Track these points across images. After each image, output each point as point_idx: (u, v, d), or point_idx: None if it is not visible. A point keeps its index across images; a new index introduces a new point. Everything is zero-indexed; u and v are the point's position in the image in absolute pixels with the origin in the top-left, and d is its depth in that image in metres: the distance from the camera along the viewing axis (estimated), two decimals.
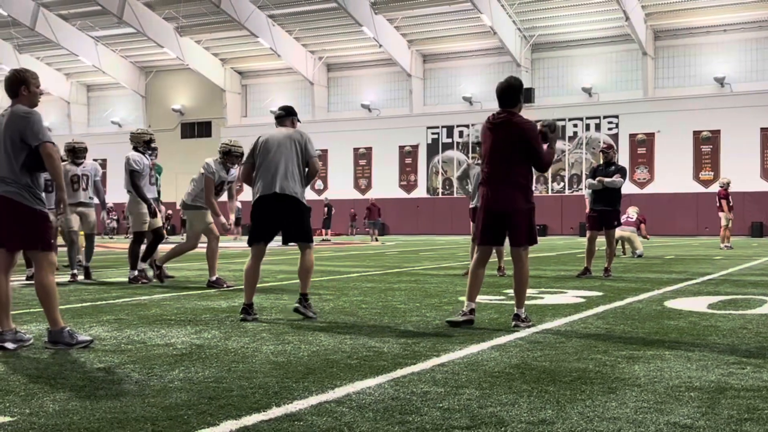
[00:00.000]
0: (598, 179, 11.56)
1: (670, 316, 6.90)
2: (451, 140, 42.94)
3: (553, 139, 6.50)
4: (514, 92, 6.40)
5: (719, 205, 22.29)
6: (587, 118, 40.36)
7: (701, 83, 38.58)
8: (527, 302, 6.82)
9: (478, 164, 11.11)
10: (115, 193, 34.02)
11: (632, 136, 39.29)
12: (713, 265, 14.22)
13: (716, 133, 37.64)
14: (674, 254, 18.36)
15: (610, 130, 39.79)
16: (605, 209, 11.57)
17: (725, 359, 4.81)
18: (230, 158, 9.95)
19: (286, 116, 7.29)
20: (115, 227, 43.92)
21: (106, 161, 47.61)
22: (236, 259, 16.35)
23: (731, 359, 4.81)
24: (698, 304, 7.83)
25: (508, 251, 6.90)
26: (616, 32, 39.28)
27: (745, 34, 37.98)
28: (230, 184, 10.16)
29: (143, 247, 10.77)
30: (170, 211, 36.37)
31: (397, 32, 42.15)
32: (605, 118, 39.98)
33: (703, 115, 37.69)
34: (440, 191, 43.23)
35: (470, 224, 11.05)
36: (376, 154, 44.70)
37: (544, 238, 34.53)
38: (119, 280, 11.15)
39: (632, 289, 9.48)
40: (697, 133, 38.01)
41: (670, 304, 7.83)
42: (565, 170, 40.90)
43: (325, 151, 43.75)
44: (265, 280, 10.24)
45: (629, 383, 4.15)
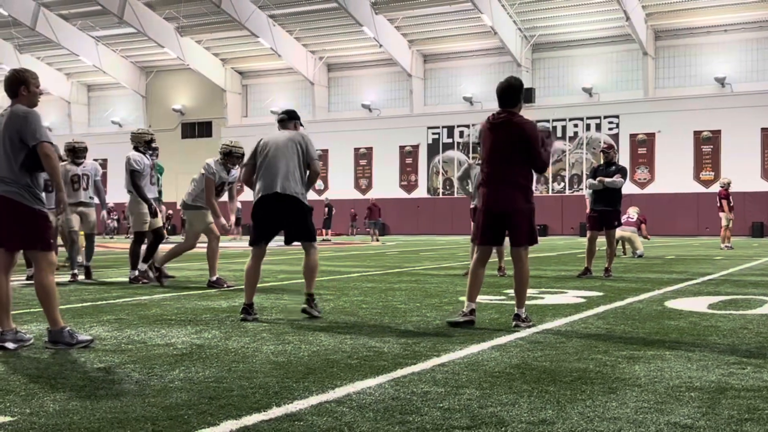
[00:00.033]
0: (598, 179, 11.56)
1: (670, 316, 6.90)
2: (451, 140, 42.94)
3: (548, 144, 6.54)
4: (514, 92, 6.40)
5: (720, 205, 22.27)
6: (588, 118, 40.36)
7: (702, 83, 38.58)
8: (528, 302, 6.82)
9: (478, 164, 11.10)
10: (115, 193, 34.06)
11: (633, 136, 39.30)
12: (714, 265, 14.22)
13: (717, 133, 37.64)
14: (675, 254, 18.36)
15: (610, 130, 39.79)
16: (606, 209, 11.57)
17: (726, 359, 4.81)
18: (231, 159, 9.95)
19: (288, 120, 7.28)
20: (115, 227, 43.92)
21: (106, 161, 47.64)
22: (237, 259, 16.35)
23: (732, 359, 4.81)
24: (699, 304, 7.83)
25: (508, 251, 6.90)
26: (616, 32, 39.29)
27: (745, 34, 37.98)
28: (231, 184, 10.16)
29: (144, 247, 10.78)
30: (170, 211, 36.38)
31: (397, 32, 42.16)
32: (606, 118, 39.98)
33: (703, 115, 37.69)
34: (441, 191, 43.23)
35: (471, 224, 11.05)
36: (376, 154, 44.70)
37: (544, 238, 34.53)
38: (120, 280, 11.15)
39: (633, 289, 9.48)
40: (697, 133, 38.01)
41: (670, 304, 7.83)
42: (565, 170, 40.90)
43: (325, 151, 43.77)
44: (265, 280, 10.24)
45: (630, 383, 4.14)
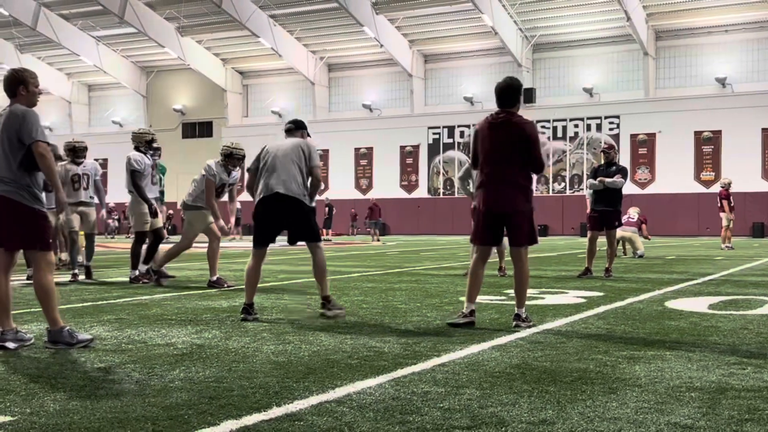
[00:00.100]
0: (599, 179, 11.55)
1: (670, 316, 6.90)
2: (452, 140, 42.93)
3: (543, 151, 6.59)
4: (513, 92, 6.39)
5: (720, 205, 22.26)
6: (588, 118, 40.35)
7: (702, 83, 38.56)
8: (528, 302, 6.82)
9: None
10: (116, 193, 34.07)
11: (633, 136, 39.29)
12: (714, 265, 14.22)
13: (717, 133, 37.63)
14: (675, 255, 18.35)
15: (611, 130, 39.78)
16: (606, 209, 11.56)
17: (726, 360, 4.81)
18: (232, 161, 9.94)
19: (295, 129, 7.27)
20: (116, 227, 43.93)
21: (107, 161, 47.67)
22: (237, 259, 16.35)
23: (732, 360, 4.81)
24: (699, 304, 7.83)
25: (508, 251, 6.90)
26: (617, 32, 39.27)
27: (746, 34, 37.96)
28: (231, 186, 10.16)
29: (144, 246, 10.78)
30: (171, 211, 36.39)
31: (398, 32, 42.15)
32: (606, 118, 39.97)
33: (704, 115, 37.68)
34: (441, 191, 43.22)
35: (471, 224, 11.04)
36: (377, 154, 44.70)
37: (545, 238, 34.52)
38: (120, 279, 11.15)
39: (633, 289, 9.48)
40: (698, 133, 38.00)
41: (670, 304, 7.83)
42: (566, 170, 40.89)
43: (326, 151, 43.76)
44: (266, 280, 10.23)
45: (630, 383, 4.14)
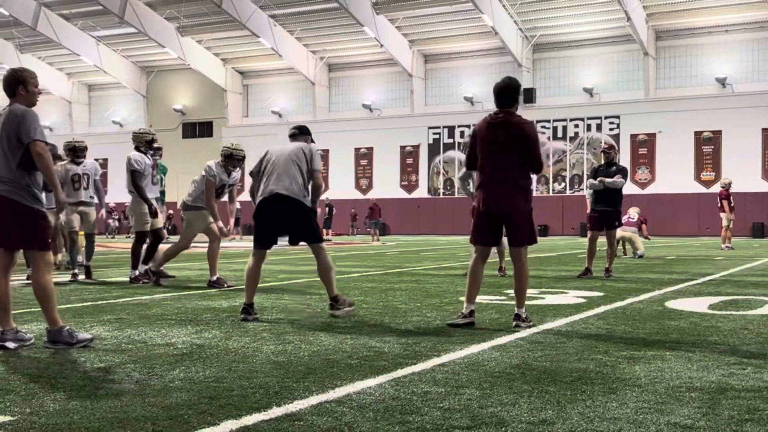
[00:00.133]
0: (599, 179, 11.55)
1: (670, 316, 6.90)
2: (452, 140, 42.93)
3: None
4: (512, 92, 6.38)
5: (720, 205, 22.26)
6: (588, 118, 40.35)
7: (703, 84, 38.56)
8: (528, 302, 6.82)
9: None
10: (116, 193, 34.10)
11: (633, 136, 39.29)
12: (714, 265, 14.22)
13: (717, 133, 37.63)
14: (675, 255, 18.35)
15: (611, 130, 39.78)
16: (606, 209, 11.56)
17: (726, 360, 4.81)
18: (232, 162, 9.94)
19: (299, 134, 7.26)
20: (116, 227, 43.94)
21: (107, 161, 47.69)
22: (237, 259, 16.35)
23: (732, 360, 4.81)
24: (699, 304, 7.82)
25: (508, 251, 6.89)
26: (617, 32, 39.27)
27: (746, 34, 37.97)
28: (231, 187, 10.16)
29: (145, 247, 10.78)
30: (171, 210, 36.39)
31: (398, 32, 42.15)
32: (606, 118, 39.98)
33: (704, 115, 37.68)
34: (441, 191, 43.22)
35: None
36: (377, 154, 44.70)
37: (545, 238, 34.53)
38: (120, 279, 11.16)
39: (633, 289, 9.47)
40: (698, 133, 38.01)
41: (671, 304, 7.82)
42: (566, 170, 40.89)
43: (326, 151, 43.74)
44: (266, 279, 10.23)
45: (630, 383, 4.14)
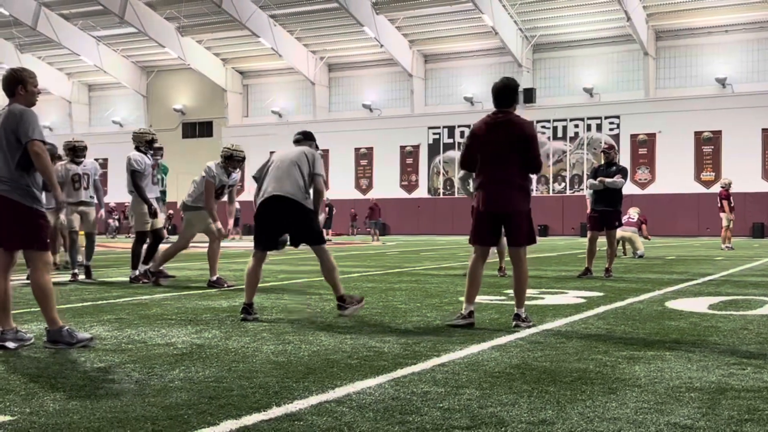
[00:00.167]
0: (599, 179, 11.55)
1: (670, 316, 6.90)
2: (452, 140, 42.93)
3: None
4: (510, 92, 6.38)
5: (720, 205, 22.26)
6: (588, 118, 40.35)
7: (702, 84, 38.57)
8: (528, 302, 6.82)
9: None
10: (116, 192, 34.10)
11: (633, 136, 39.29)
12: (714, 265, 14.22)
13: (717, 133, 37.64)
14: (675, 255, 18.35)
15: (611, 130, 39.79)
16: (606, 209, 11.56)
17: (726, 360, 4.81)
18: (232, 163, 9.94)
19: (304, 140, 7.27)
20: (116, 227, 43.93)
21: (107, 161, 47.70)
22: (237, 258, 16.36)
23: (732, 360, 4.81)
24: (699, 304, 7.82)
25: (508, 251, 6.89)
26: (617, 32, 39.28)
27: (746, 34, 37.97)
28: (231, 188, 10.16)
29: (145, 246, 10.78)
30: (171, 210, 36.37)
31: (398, 32, 42.15)
32: (606, 118, 39.98)
33: (704, 115, 37.68)
34: (441, 191, 43.22)
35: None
36: (377, 154, 44.70)
37: (545, 238, 34.53)
38: (120, 279, 11.16)
39: (633, 289, 9.47)
40: (698, 133, 38.01)
41: (670, 304, 7.82)
42: (566, 170, 40.89)
43: (326, 151, 43.69)
44: (266, 279, 10.23)
45: (630, 384, 4.14)
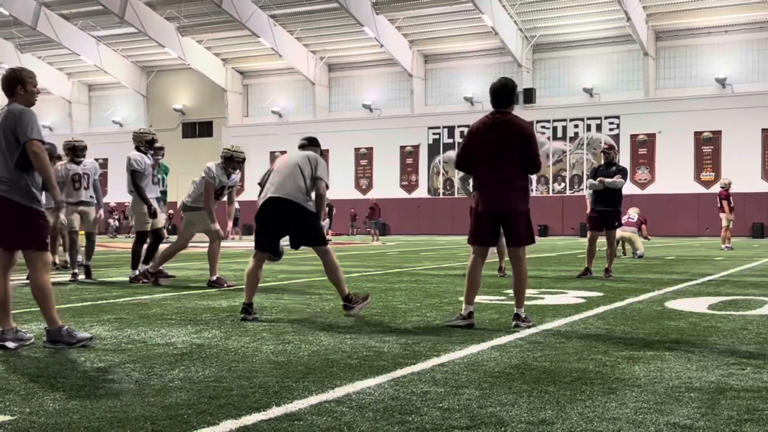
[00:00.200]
0: (599, 179, 11.55)
1: (670, 316, 6.90)
2: (452, 140, 42.93)
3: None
4: (508, 93, 6.39)
5: (720, 205, 22.26)
6: (588, 118, 40.35)
7: (702, 84, 38.57)
8: (527, 302, 6.82)
9: None
10: (116, 192, 34.10)
11: (633, 136, 39.29)
12: (714, 265, 14.22)
13: (717, 133, 37.64)
14: (675, 255, 18.35)
15: (611, 130, 39.78)
16: (606, 210, 11.56)
17: (725, 360, 4.81)
18: (232, 164, 9.94)
19: (308, 145, 7.27)
20: (116, 227, 43.93)
21: (107, 161, 47.69)
22: (237, 258, 16.36)
23: (731, 360, 4.81)
24: (699, 304, 7.83)
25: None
26: (617, 33, 39.28)
27: (746, 35, 37.97)
28: (230, 188, 10.17)
29: (145, 246, 10.78)
30: (171, 210, 36.37)
31: (398, 32, 42.15)
32: (606, 118, 39.98)
33: (704, 115, 37.68)
34: (441, 191, 43.22)
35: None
36: (377, 154, 44.69)
37: (545, 238, 34.53)
38: (120, 279, 11.16)
39: (633, 289, 9.47)
40: (698, 133, 38.01)
41: (670, 304, 7.83)
42: (566, 171, 40.89)
43: (326, 151, 43.38)
44: (266, 279, 10.23)
45: (629, 384, 4.15)
